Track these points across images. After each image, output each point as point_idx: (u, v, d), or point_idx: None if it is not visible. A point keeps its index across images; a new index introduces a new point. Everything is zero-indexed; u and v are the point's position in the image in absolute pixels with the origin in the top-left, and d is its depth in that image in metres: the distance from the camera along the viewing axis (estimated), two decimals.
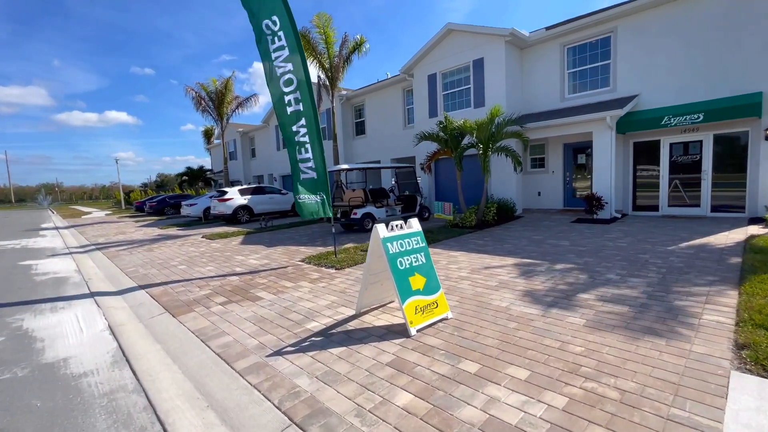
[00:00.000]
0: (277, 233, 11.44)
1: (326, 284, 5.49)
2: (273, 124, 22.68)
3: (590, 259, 5.97)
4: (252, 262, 7.38)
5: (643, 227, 8.56)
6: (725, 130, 9.18)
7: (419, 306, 3.68)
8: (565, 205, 12.29)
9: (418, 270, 3.84)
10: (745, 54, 8.73)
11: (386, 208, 11.09)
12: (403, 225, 3.95)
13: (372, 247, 3.87)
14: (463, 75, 12.92)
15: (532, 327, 3.57)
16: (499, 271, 5.62)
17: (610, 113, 9.55)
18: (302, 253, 7.99)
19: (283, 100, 6.68)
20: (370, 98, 17.46)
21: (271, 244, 9.42)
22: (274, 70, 6.60)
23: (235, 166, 28.00)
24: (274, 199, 16.11)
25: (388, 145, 16.84)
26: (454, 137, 10.30)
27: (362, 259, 6.83)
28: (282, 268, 6.69)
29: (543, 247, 7.09)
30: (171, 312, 4.67)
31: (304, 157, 6.84)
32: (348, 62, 14.68)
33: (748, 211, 9.06)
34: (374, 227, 3.74)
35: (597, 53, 11.04)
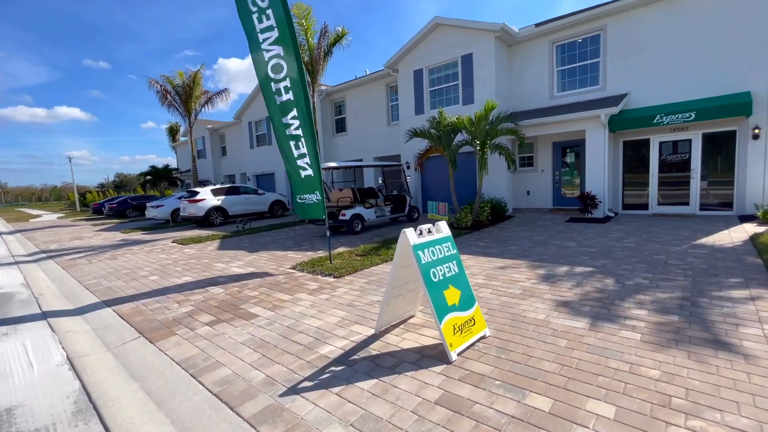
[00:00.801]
0: (257, 236, 10.58)
1: (328, 296, 4.84)
2: (246, 121, 21.51)
3: (606, 262, 5.66)
4: (236, 271, 6.59)
5: (640, 226, 8.46)
6: (714, 128, 9.27)
7: (457, 324, 3.14)
8: (555, 204, 12.18)
9: (452, 282, 3.30)
10: (733, 54, 8.83)
11: (376, 208, 10.50)
12: (431, 229, 3.39)
13: (399, 255, 3.29)
14: (451, 71, 12.54)
15: (585, 345, 3.11)
16: (517, 277, 5.18)
17: (604, 111, 9.43)
18: (291, 259, 7.26)
19: (272, 89, 5.97)
20: (352, 94, 16.80)
21: (254, 249, 8.60)
22: (261, 54, 5.87)
23: (204, 165, 26.44)
24: (251, 199, 15.12)
25: (370, 143, 16.25)
26: (447, 134, 9.87)
27: (361, 265, 6.23)
28: (272, 277, 5.96)
29: (550, 249, 6.75)
30: (147, 336, 3.88)
31: (302, 152, 6.15)
32: (329, 55, 13.96)
33: (736, 209, 9.19)
34: (403, 233, 3.16)
35: (586, 51, 10.96)
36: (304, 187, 6.35)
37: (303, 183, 6.30)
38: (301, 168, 6.16)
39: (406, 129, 13.36)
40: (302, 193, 6.41)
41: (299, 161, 6.13)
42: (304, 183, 6.29)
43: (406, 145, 13.58)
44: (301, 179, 6.28)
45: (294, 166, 6.20)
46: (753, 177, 8.85)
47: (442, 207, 9.34)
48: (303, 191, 6.39)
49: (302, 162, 6.13)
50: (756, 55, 8.60)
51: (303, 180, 6.26)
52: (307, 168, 6.13)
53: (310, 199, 6.42)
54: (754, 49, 8.62)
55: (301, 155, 6.10)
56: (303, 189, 6.38)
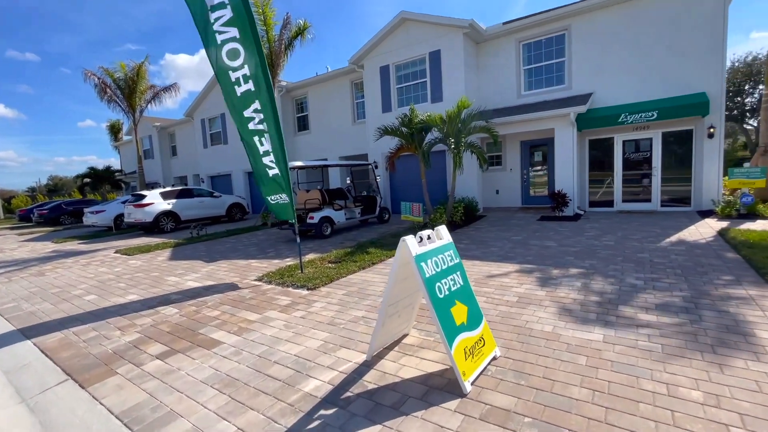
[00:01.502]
0: (214, 243, 9.62)
1: (304, 313, 4.23)
2: (198, 118, 19.99)
3: (593, 262, 5.49)
4: (191, 285, 5.75)
5: (611, 224, 8.54)
6: (673, 128, 9.62)
7: (468, 347, 2.68)
8: (523, 203, 12.21)
9: (458, 296, 2.84)
10: (689, 56, 9.19)
11: (345, 210, 9.91)
12: (431, 235, 2.92)
13: (397, 268, 2.78)
14: (419, 68, 12.21)
15: (608, 362, 2.77)
16: (508, 281, 4.85)
17: (573, 109, 9.49)
18: (255, 269, 6.51)
19: (229, 78, 5.23)
20: (314, 91, 16.02)
21: (212, 258, 7.72)
22: (213, 36, 5.11)
23: (151, 166, 24.35)
24: (206, 202, 13.93)
25: (335, 142, 15.57)
26: (419, 132, 9.49)
27: (336, 274, 5.65)
28: (235, 292, 5.22)
29: (532, 249, 6.54)
30: (77, 378, 3.08)
31: (266, 149, 5.47)
32: (290, 48, 13.15)
33: (694, 205, 9.59)
34: (403, 241, 2.66)
35: (552, 50, 11.05)
36: (273, 187, 5.68)
37: (271, 182, 5.62)
38: (268, 167, 5.48)
39: (374, 127, 12.89)
40: (272, 193, 5.75)
41: (265, 159, 5.44)
42: (272, 182, 5.62)
43: (373, 144, 13.08)
44: (269, 178, 5.60)
45: (261, 164, 5.52)
46: (708, 174, 9.26)
47: (415, 208, 8.94)
48: (273, 192, 5.73)
49: (267, 160, 5.45)
50: (708, 58, 9.00)
51: (271, 179, 5.59)
52: (273, 166, 5.46)
53: (279, 200, 5.77)
54: (706, 52, 9.01)
55: (267, 152, 5.42)
56: (272, 189, 5.71)
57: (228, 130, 18.59)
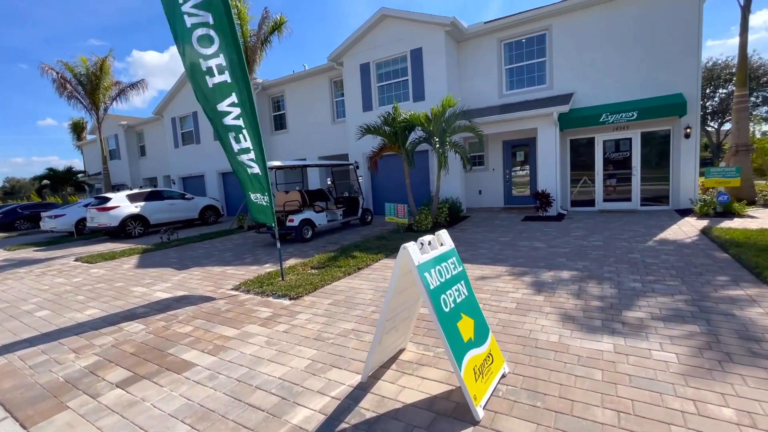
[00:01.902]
0: (186, 249, 9.02)
1: (287, 327, 3.85)
2: (168, 117, 19.03)
3: (586, 263, 5.36)
4: (161, 296, 5.25)
5: (595, 223, 8.54)
6: (651, 128, 9.76)
7: (477, 366, 2.40)
8: (506, 203, 12.16)
9: (464, 309, 2.56)
10: (666, 58, 9.34)
11: (327, 212, 9.52)
12: (432, 241, 2.62)
13: (397, 278, 2.46)
14: (400, 66, 11.96)
15: (626, 377, 2.55)
16: (502, 286, 4.63)
17: (556, 109, 9.47)
18: (232, 277, 6.05)
19: (200, 68, 4.78)
20: (292, 89, 15.50)
21: (183, 265, 7.17)
22: (181, 19, 4.66)
23: (118, 167, 23.05)
24: (177, 205, 13.18)
25: (314, 142, 15.10)
26: (403, 131, 9.22)
27: (320, 281, 5.28)
28: (210, 303, 4.77)
29: (521, 251, 6.37)
30: (18, 416, 2.61)
31: (243, 146, 5.06)
32: (267, 43, 12.62)
33: (672, 204, 9.76)
34: (404, 249, 2.35)
35: (533, 50, 11.03)
36: (254, 186, 5.30)
37: (253, 181, 5.22)
38: (247, 166, 5.07)
39: (354, 127, 12.55)
40: (255, 192, 5.37)
41: (242, 157, 5.03)
42: (254, 181, 5.21)
43: (354, 143, 12.73)
44: (248, 176, 5.21)
45: (237, 162, 5.10)
46: (685, 173, 9.44)
47: (400, 209, 8.67)
48: (254, 189, 5.35)
49: (246, 158, 5.04)
50: (684, 58, 9.17)
51: (253, 177, 5.18)
52: (252, 165, 5.05)
53: (259, 200, 5.37)
54: (682, 53, 9.18)
55: (244, 150, 5.00)
56: (254, 188, 5.33)
57: (201, 129, 17.78)
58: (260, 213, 5.47)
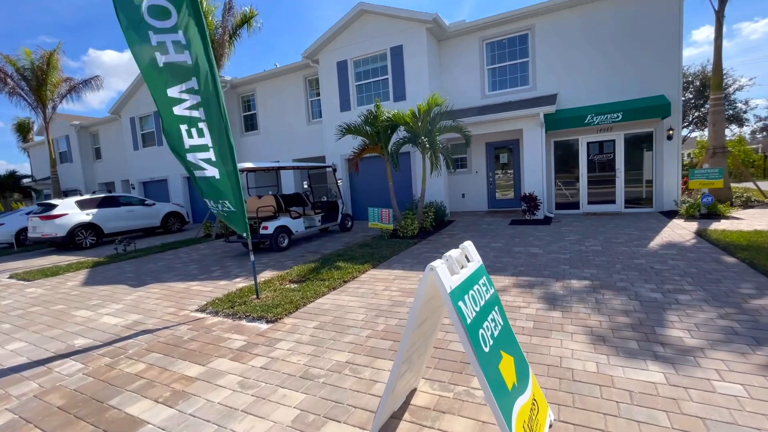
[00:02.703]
0: (145, 261, 8.02)
1: (266, 360, 3.16)
2: (127, 116, 17.57)
3: (593, 271, 4.97)
4: (108, 322, 4.38)
5: (585, 226, 8.29)
6: (634, 129, 9.71)
7: (525, 420, 1.83)
8: (490, 207, 11.85)
9: (503, 344, 1.99)
10: (648, 59, 9.31)
11: (304, 218, 8.78)
12: (457, 257, 2.04)
13: (419, 308, 1.87)
14: (380, 64, 11.42)
15: (698, 420, 2.07)
16: (511, 300, 4.13)
17: (542, 109, 9.22)
18: (197, 294, 5.24)
19: (150, 41, 3.95)
20: (264, 87, 14.61)
21: (140, 281, 6.25)
22: None
23: (70, 171, 21.13)
24: (135, 212, 11.98)
25: (288, 144, 14.27)
26: (385, 130, 8.67)
27: (302, 298, 4.60)
28: (169, 330, 3.98)
29: (519, 258, 5.94)
30: None
31: (197, 143, 4.28)
32: (236, 37, 11.77)
33: (656, 206, 9.72)
34: (432, 270, 1.75)
35: (516, 50, 10.80)
36: (210, 192, 4.52)
37: (203, 186, 4.47)
38: (195, 166, 4.29)
39: (331, 127, 11.93)
40: (211, 198, 4.58)
41: (194, 156, 4.24)
42: (203, 186, 4.46)
43: (332, 145, 12.10)
44: (200, 180, 4.44)
45: (186, 161, 4.32)
46: (668, 175, 9.42)
47: (385, 214, 8.08)
48: (209, 196, 4.56)
49: (198, 157, 4.27)
50: (665, 61, 9.16)
51: (207, 182, 4.42)
52: (204, 166, 4.29)
53: (221, 207, 4.60)
54: (663, 54, 9.17)
55: (198, 148, 4.23)
56: (210, 194, 4.55)
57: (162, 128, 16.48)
58: (229, 221, 4.71)
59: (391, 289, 4.86)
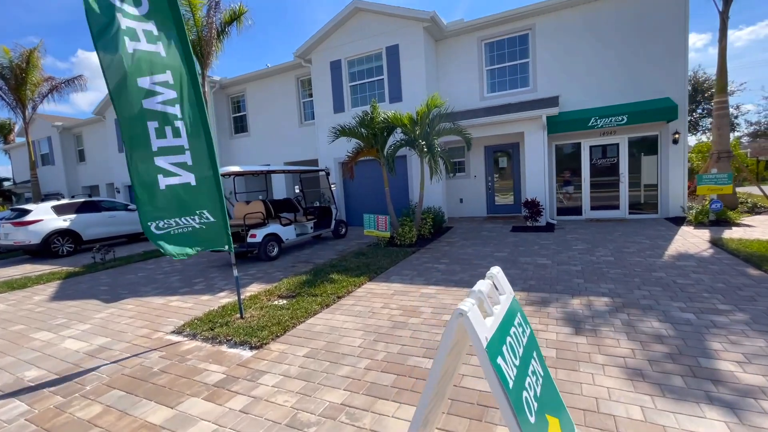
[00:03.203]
0: (124, 271, 7.45)
1: (246, 401, 2.67)
2: (112, 117, 16.93)
3: (610, 286, 4.56)
4: (70, 348, 3.85)
5: (591, 234, 7.91)
6: (638, 133, 9.39)
7: None
8: (488, 212, 11.45)
9: (545, 404, 1.54)
10: (653, 60, 9.02)
11: (295, 225, 8.28)
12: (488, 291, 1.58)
13: (444, 361, 1.41)
14: (375, 64, 11.00)
15: None
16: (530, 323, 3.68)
17: (545, 111, 8.87)
18: (175, 312, 4.73)
19: (116, 22, 3.36)
20: (254, 88, 14.11)
21: (115, 296, 5.70)
22: None
23: (52, 174, 20.37)
24: (117, 218, 11.36)
25: (279, 146, 13.76)
26: (381, 132, 8.23)
27: (291, 318, 4.12)
28: (138, 359, 3.47)
29: (527, 270, 5.51)
30: None
31: (170, 144, 3.74)
32: (224, 35, 11.25)
33: (661, 212, 9.40)
34: (462, 316, 1.29)
35: (516, 51, 10.46)
36: (165, 205, 3.68)
37: (165, 197, 3.67)
38: (164, 172, 3.63)
39: (324, 129, 11.48)
40: (160, 216, 3.65)
41: (164, 160, 3.63)
42: (166, 197, 3.68)
43: (324, 148, 11.63)
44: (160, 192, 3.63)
45: (150, 167, 3.56)
46: (674, 180, 9.11)
47: (381, 221, 7.62)
48: (163, 213, 3.66)
49: (172, 161, 3.71)
50: (670, 63, 8.87)
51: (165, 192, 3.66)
52: (179, 172, 3.73)
53: (189, 224, 3.87)
54: (668, 56, 8.88)
55: (170, 150, 3.68)
56: (163, 207, 3.67)
57: None
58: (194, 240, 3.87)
59: (390, 306, 4.40)
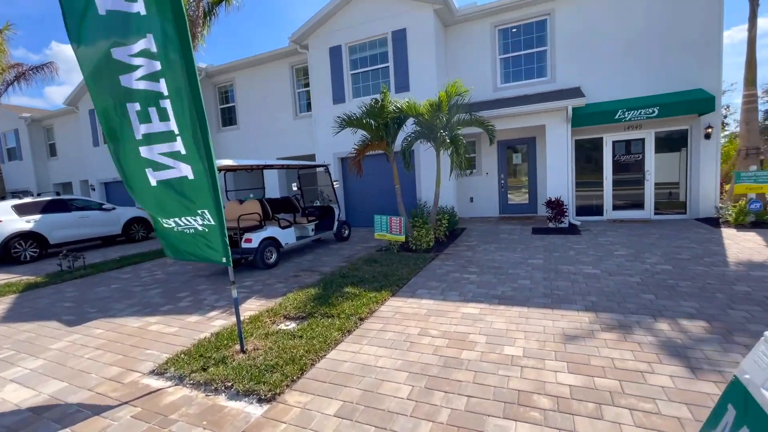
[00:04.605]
0: (94, 281, 6.37)
1: None
2: (86, 108, 15.53)
3: (694, 303, 3.77)
4: (8, 402, 2.84)
5: (625, 237, 7.18)
6: (667, 127, 8.72)
7: None
8: (501, 212, 10.67)
9: None
10: (683, 48, 8.34)
11: (295, 227, 7.32)
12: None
13: None
14: (379, 50, 10.07)
15: None
16: (618, 356, 2.85)
17: (570, 102, 8.11)
18: (156, 340, 3.74)
19: None
20: (244, 77, 12.99)
21: (80, 315, 4.66)
22: None
23: (19, 170, 18.77)
24: (90, 218, 10.15)
25: (271, 140, 12.71)
26: (393, 123, 7.33)
27: (308, 352, 3.23)
28: (102, 420, 2.49)
29: (577, 282, 4.70)
30: None
31: (156, 129, 2.83)
32: (211, 16, 10.16)
33: (690, 212, 8.75)
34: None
35: (532, 38, 9.67)
36: (165, 201, 3.03)
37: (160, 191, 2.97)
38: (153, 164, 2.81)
39: (322, 121, 10.53)
40: (164, 213, 3.08)
41: (151, 150, 2.77)
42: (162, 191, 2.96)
43: (323, 142, 10.72)
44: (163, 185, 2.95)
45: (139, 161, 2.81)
46: (706, 178, 8.46)
47: (395, 223, 6.71)
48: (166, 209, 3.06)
49: (161, 150, 2.81)
50: (704, 50, 8.21)
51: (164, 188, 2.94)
52: (171, 164, 2.84)
53: (185, 225, 3.12)
54: (702, 45, 8.21)
55: (159, 137, 2.78)
56: (164, 203, 3.05)
57: None
58: (194, 246, 3.23)
59: (430, 333, 3.52)
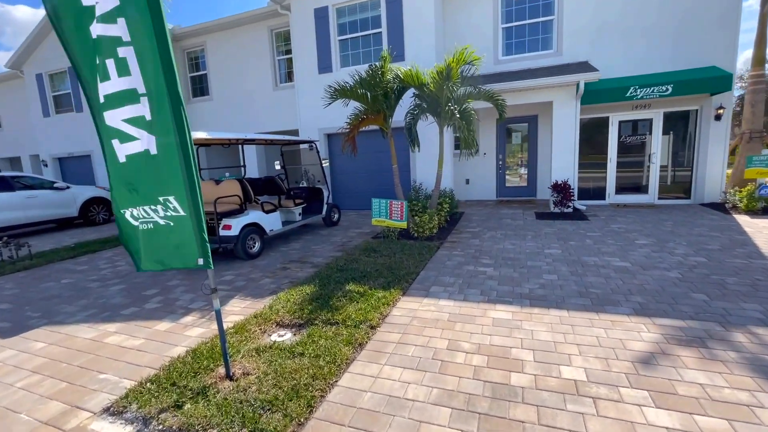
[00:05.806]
0: (41, 274, 5.36)
1: None
2: (33, 72, 13.67)
3: (757, 306, 3.28)
4: None
5: (636, 223, 6.75)
6: (676, 107, 8.28)
7: None
8: (498, 195, 10.12)
9: None
10: (696, 25, 7.82)
11: (281, 211, 6.47)
12: None
13: None
14: (371, 13, 9.04)
15: None
16: (717, 392, 2.30)
17: (582, 76, 7.48)
18: (112, 359, 2.93)
19: None
20: (216, 41, 11.62)
21: (17, 322, 3.75)
22: None
23: None
24: (40, 199, 8.88)
25: (249, 113, 11.53)
26: (392, 94, 6.49)
27: (312, 379, 2.50)
28: None
29: (611, 279, 4.16)
30: None
31: (117, 87, 1.96)
32: None
33: (695, 197, 8.45)
34: None
35: (538, 6, 8.90)
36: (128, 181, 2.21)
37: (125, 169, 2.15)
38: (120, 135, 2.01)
39: (306, 93, 9.55)
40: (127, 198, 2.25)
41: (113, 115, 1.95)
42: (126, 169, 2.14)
43: (307, 117, 9.76)
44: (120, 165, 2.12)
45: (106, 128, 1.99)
46: (713, 162, 8.14)
47: (396, 208, 5.98)
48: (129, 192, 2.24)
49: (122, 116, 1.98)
50: (718, 28, 7.72)
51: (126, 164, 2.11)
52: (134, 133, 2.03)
53: (149, 217, 2.30)
54: (715, 21, 7.71)
55: (120, 97, 1.94)
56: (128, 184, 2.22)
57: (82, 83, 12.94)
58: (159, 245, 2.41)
59: (461, 345, 2.87)
